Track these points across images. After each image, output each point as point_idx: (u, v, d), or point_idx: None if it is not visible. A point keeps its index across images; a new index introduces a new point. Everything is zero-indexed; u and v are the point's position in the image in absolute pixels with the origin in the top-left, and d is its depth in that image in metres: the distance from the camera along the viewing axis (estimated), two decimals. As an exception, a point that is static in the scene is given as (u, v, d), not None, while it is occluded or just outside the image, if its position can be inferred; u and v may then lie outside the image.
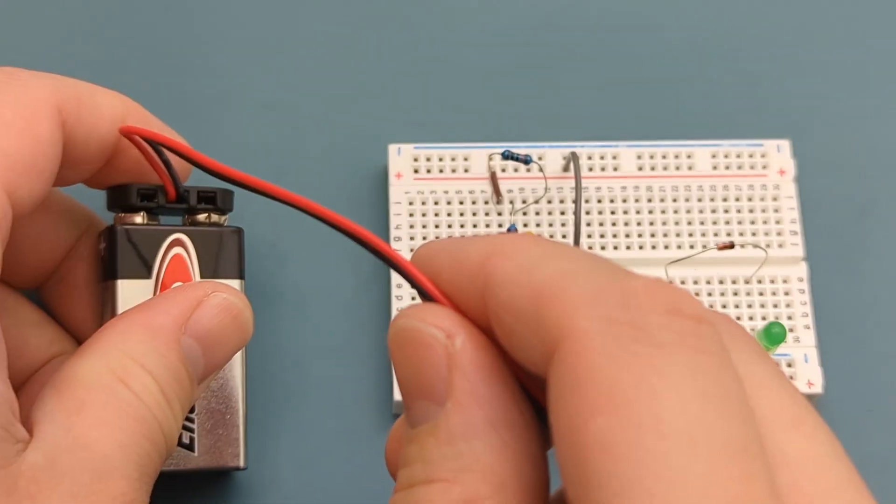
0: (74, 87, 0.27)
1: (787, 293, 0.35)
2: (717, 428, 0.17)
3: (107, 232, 0.30)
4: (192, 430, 0.30)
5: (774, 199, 0.36)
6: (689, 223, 0.35)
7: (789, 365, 0.34)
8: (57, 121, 0.26)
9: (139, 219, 0.30)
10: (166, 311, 0.27)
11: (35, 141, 0.25)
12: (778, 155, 0.36)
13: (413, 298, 0.34)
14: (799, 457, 0.18)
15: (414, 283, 0.20)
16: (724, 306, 0.34)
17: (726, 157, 0.36)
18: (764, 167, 0.36)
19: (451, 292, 0.20)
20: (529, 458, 0.19)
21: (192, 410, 0.30)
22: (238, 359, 0.30)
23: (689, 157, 0.36)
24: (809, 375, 0.34)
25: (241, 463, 0.30)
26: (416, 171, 0.35)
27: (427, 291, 0.20)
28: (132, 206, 0.30)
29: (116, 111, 0.28)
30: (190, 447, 0.30)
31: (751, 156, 0.36)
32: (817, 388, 0.34)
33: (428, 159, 0.36)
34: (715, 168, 0.36)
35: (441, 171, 0.36)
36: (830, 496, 0.18)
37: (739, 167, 0.36)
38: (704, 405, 0.17)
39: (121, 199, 0.30)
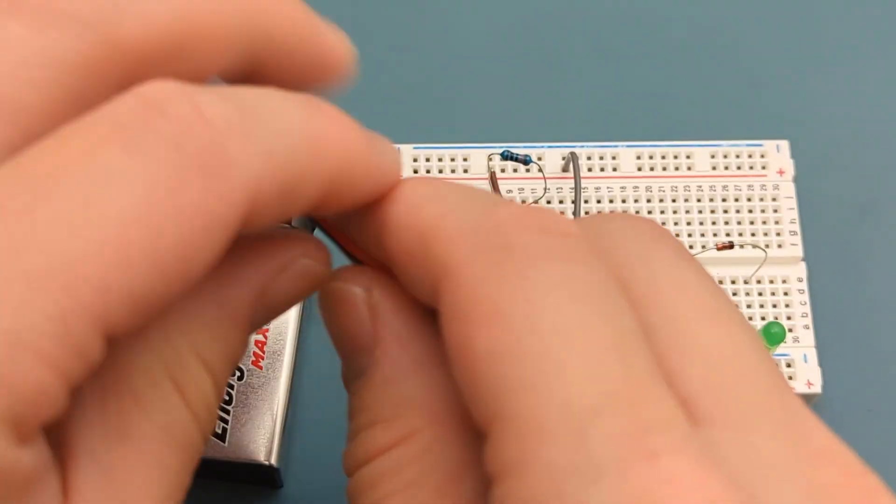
0: (281, 179, 0.19)
1: (786, 293, 0.35)
2: (590, 324, 0.18)
3: None
4: (226, 422, 0.30)
5: (773, 199, 0.36)
6: (689, 223, 0.35)
7: (788, 365, 0.34)
8: (230, 232, 0.18)
9: None
10: (244, 282, 0.21)
11: (183, 276, 0.18)
12: (777, 155, 0.36)
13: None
14: (714, 348, 0.19)
15: (337, 244, 0.22)
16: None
17: (725, 157, 0.36)
18: (763, 167, 0.36)
19: (363, 243, 0.21)
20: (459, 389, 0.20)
21: (228, 401, 0.31)
22: (287, 358, 0.31)
23: (688, 157, 0.36)
24: (808, 375, 0.34)
25: (273, 461, 0.31)
26: (415, 172, 0.35)
27: (349, 252, 0.22)
28: None
29: (324, 183, 0.20)
30: (221, 437, 0.30)
31: (750, 156, 0.36)
32: (816, 389, 0.34)
33: (427, 159, 0.36)
34: (714, 168, 0.36)
35: (441, 171, 0.36)
36: (745, 384, 0.19)
37: (739, 167, 0.36)
38: (576, 305, 0.18)
39: None
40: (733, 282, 0.35)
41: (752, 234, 0.35)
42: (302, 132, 0.19)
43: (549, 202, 0.35)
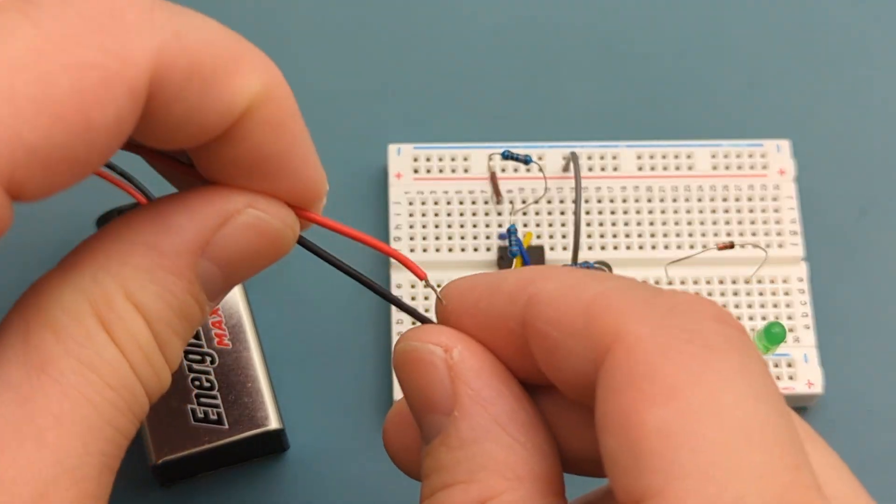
0: (189, 54, 0.19)
1: (786, 293, 0.35)
2: (769, 423, 0.18)
3: None
4: (217, 406, 0.31)
5: (774, 199, 0.36)
6: (689, 223, 0.35)
7: (789, 365, 0.34)
8: (135, 98, 0.18)
9: None
10: (181, 230, 0.21)
11: (84, 127, 0.18)
12: (778, 155, 0.36)
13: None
14: (817, 464, 0.19)
15: (410, 311, 0.22)
16: (724, 306, 0.34)
17: (726, 157, 0.36)
18: (764, 167, 0.36)
19: (486, 319, 0.21)
20: (540, 453, 0.20)
21: (211, 388, 0.31)
22: (248, 328, 0.32)
23: (688, 157, 0.36)
24: (809, 375, 0.34)
25: (275, 424, 0.31)
26: (415, 171, 0.35)
27: (418, 316, 0.22)
28: None
29: (245, 94, 0.20)
30: (219, 422, 0.31)
31: (751, 156, 0.36)
32: (817, 388, 0.34)
33: (428, 159, 0.36)
34: (715, 168, 0.36)
35: (441, 171, 0.36)
36: (847, 498, 0.20)
37: (739, 167, 0.36)
38: (757, 402, 0.18)
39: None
40: (733, 282, 0.35)
41: (753, 234, 0.35)
42: (223, 39, 0.20)
43: (549, 202, 0.35)
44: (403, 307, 0.22)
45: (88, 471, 0.19)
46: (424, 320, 0.22)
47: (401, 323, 0.34)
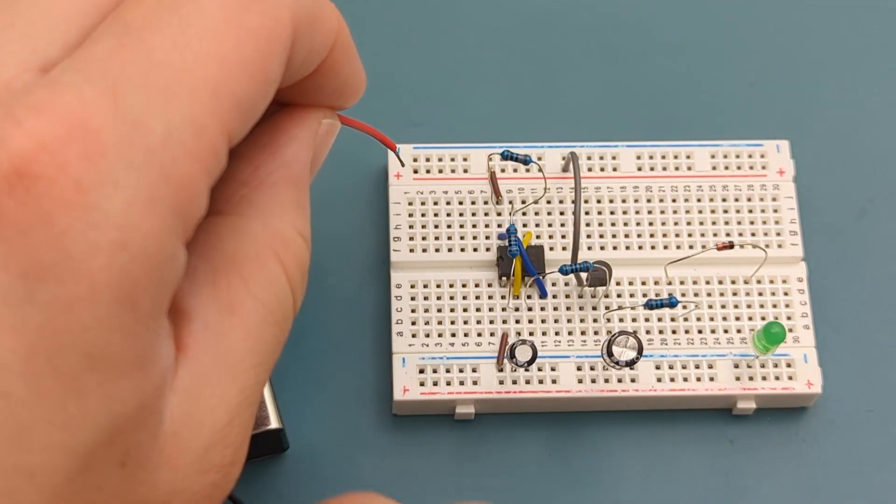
0: (306, 5, 0.22)
1: (786, 293, 0.35)
2: None
3: None
4: None
5: (774, 199, 0.36)
6: (689, 223, 0.35)
7: (789, 365, 0.34)
8: (287, 50, 0.22)
9: None
10: (301, 159, 0.24)
11: (265, 81, 0.21)
12: (777, 155, 0.36)
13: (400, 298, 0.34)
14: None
15: None
16: (723, 306, 0.34)
17: (725, 157, 0.36)
18: (763, 167, 0.36)
19: None
20: None
21: None
22: None
23: (688, 157, 0.36)
24: (809, 375, 0.34)
25: (274, 424, 0.31)
26: (415, 172, 0.35)
27: None
28: None
29: (333, 32, 0.24)
30: None
31: (750, 156, 0.36)
32: (816, 389, 0.34)
33: (427, 159, 0.36)
34: (714, 168, 0.36)
35: (440, 171, 0.36)
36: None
37: (739, 167, 0.36)
38: None
39: None
40: (733, 282, 0.35)
41: (752, 234, 0.35)
42: None
43: (549, 202, 0.35)
44: None
45: (256, 398, 0.22)
46: None
47: (400, 323, 0.34)
